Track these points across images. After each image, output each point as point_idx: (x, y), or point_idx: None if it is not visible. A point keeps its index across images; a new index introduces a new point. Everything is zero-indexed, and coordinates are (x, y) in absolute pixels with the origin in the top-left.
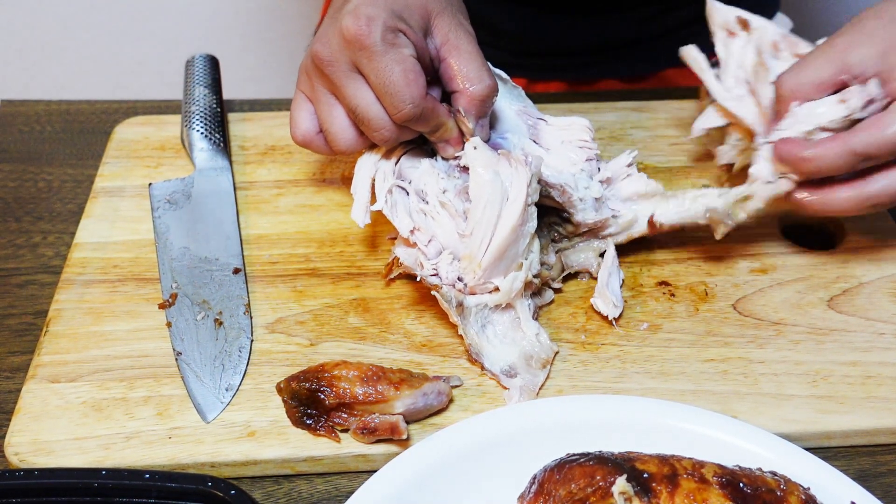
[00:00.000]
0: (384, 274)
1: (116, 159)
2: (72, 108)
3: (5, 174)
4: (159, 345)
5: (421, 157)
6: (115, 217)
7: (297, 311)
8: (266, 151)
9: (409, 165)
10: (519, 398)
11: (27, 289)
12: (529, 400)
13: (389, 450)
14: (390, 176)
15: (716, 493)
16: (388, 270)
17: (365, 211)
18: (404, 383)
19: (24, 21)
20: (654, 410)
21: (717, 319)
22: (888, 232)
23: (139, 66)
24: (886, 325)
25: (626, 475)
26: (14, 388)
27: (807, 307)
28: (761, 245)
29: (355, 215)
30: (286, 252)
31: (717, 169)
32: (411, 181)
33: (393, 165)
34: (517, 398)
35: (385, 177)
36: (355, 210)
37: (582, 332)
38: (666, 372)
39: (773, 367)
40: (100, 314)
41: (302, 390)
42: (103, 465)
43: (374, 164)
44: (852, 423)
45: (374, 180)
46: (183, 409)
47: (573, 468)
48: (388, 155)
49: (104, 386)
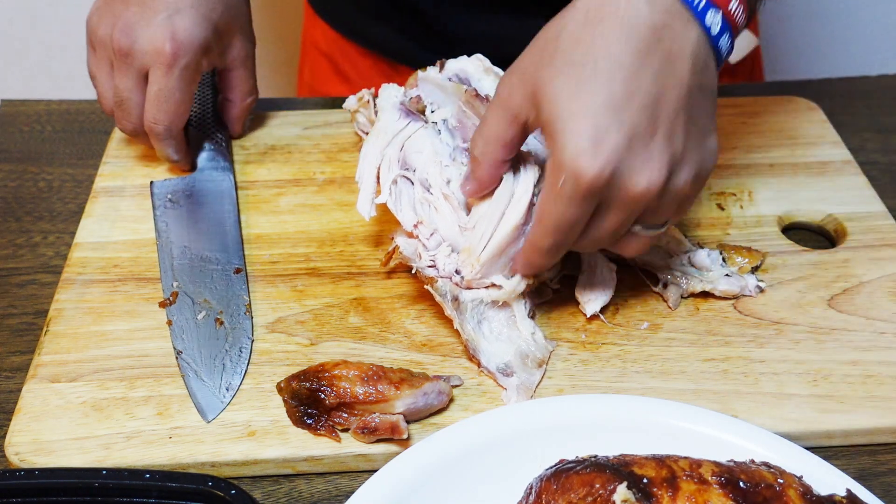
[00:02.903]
0: (383, 262)
1: (116, 159)
2: (72, 108)
3: (5, 174)
4: (159, 344)
5: (425, 140)
6: (115, 217)
7: (298, 310)
8: (266, 151)
9: (414, 150)
10: (516, 398)
11: (27, 289)
12: (526, 399)
13: (389, 449)
14: (395, 165)
15: (716, 493)
16: (388, 259)
17: (371, 203)
18: (405, 383)
19: (24, 21)
20: (656, 410)
21: (717, 319)
22: (888, 231)
23: None
24: (887, 324)
25: (627, 482)
26: (14, 388)
27: (807, 306)
28: (761, 244)
29: (361, 207)
30: (286, 251)
31: None
32: (416, 169)
33: (398, 152)
34: (514, 398)
35: (390, 165)
36: (361, 202)
37: (582, 332)
38: (666, 371)
39: (774, 366)
40: (100, 314)
41: (302, 390)
42: (104, 464)
43: (379, 151)
44: (853, 422)
45: (380, 169)
46: (183, 408)
47: (570, 477)
48: (394, 141)
49: (104, 386)
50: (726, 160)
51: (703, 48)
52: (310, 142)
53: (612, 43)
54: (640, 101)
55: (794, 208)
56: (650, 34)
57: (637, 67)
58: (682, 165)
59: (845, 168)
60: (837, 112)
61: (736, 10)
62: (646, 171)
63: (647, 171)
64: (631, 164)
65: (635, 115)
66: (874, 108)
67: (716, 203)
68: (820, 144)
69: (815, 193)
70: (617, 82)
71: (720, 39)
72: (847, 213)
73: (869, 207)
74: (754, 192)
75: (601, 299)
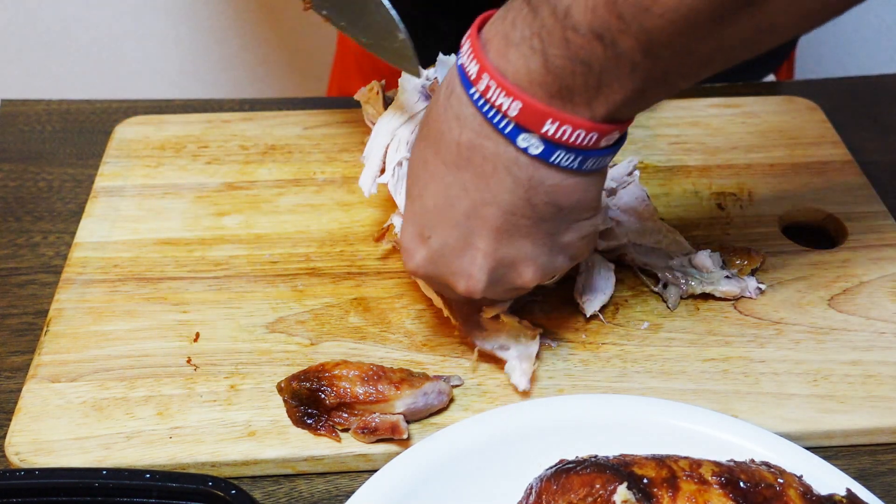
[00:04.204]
0: (376, 238)
1: (116, 159)
2: (72, 107)
3: (5, 174)
4: (159, 344)
5: None
6: (116, 217)
7: (298, 310)
8: (266, 151)
9: None
10: (520, 367)
11: (27, 288)
12: (530, 368)
13: (390, 449)
14: (403, 147)
15: (716, 493)
16: (381, 235)
17: (373, 180)
18: (405, 383)
19: (24, 21)
20: (656, 410)
21: (717, 319)
22: (888, 231)
23: (139, 66)
24: (887, 324)
25: (627, 482)
26: (14, 388)
27: (807, 306)
28: (761, 244)
29: (363, 183)
30: (286, 251)
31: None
32: None
33: (409, 134)
34: (518, 368)
35: (398, 146)
36: (364, 177)
37: (582, 332)
38: (666, 371)
39: (774, 366)
40: (100, 314)
41: (302, 390)
42: (104, 464)
43: (391, 131)
44: (853, 422)
45: (388, 148)
46: (183, 408)
47: (571, 477)
48: (409, 122)
49: (104, 385)
50: (726, 160)
51: (526, 166)
52: (310, 142)
53: (429, 158)
54: (453, 217)
55: (794, 208)
56: (458, 153)
57: (449, 183)
58: (512, 269)
59: (845, 168)
60: (837, 112)
61: (559, 131)
62: (462, 279)
63: (464, 279)
64: (447, 269)
65: (446, 231)
66: (874, 108)
67: (716, 203)
68: (820, 144)
69: (815, 193)
70: (430, 196)
71: (552, 156)
72: (847, 213)
73: (869, 207)
74: (754, 192)
75: (600, 299)
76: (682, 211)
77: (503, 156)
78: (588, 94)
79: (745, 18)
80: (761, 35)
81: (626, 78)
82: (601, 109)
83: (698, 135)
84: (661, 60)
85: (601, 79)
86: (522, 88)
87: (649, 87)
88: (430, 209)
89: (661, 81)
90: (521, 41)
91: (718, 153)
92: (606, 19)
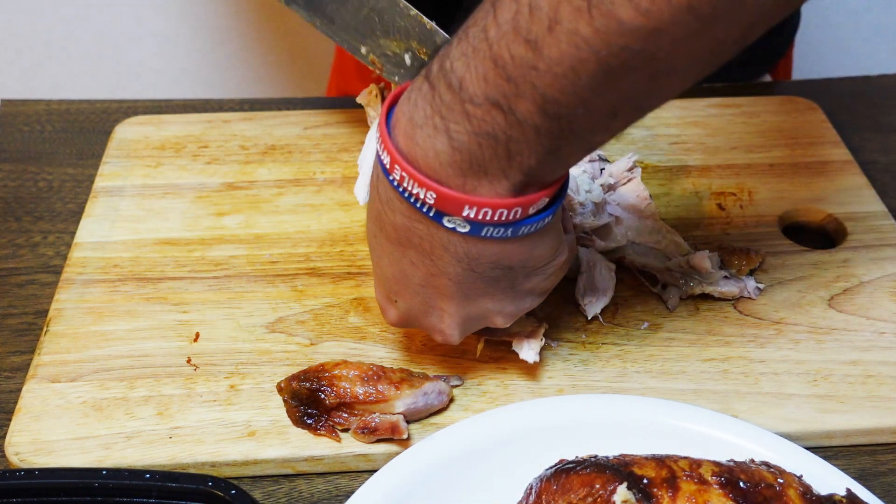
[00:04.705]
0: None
1: (116, 159)
2: (72, 107)
3: (5, 174)
4: (159, 344)
5: None
6: (115, 217)
7: (298, 310)
8: (266, 151)
9: None
10: (527, 342)
11: (27, 288)
12: (538, 343)
13: (390, 449)
14: None
15: (716, 493)
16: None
17: (367, 189)
18: (405, 383)
19: (24, 21)
20: (656, 410)
21: (717, 319)
22: (888, 231)
23: (139, 66)
24: (887, 324)
25: (627, 482)
26: (14, 388)
27: (807, 306)
28: (761, 244)
29: (358, 191)
30: (286, 251)
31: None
32: None
33: None
34: (526, 343)
35: None
36: (358, 186)
37: (582, 332)
38: (666, 371)
39: (774, 366)
40: (100, 314)
41: (302, 390)
42: (104, 464)
43: None
44: (853, 422)
45: None
46: (183, 408)
47: (570, 477)
48: None
49: (104, 386)
50: (726, 160)
51: (460, 243)
52: (310, 142)
53: (377, 233)
54: (411, 287)
55: (794, 208)
56: (397, 233)
57: (398, 258)
58: (483, 319)
59: (845, 168)
60: (837, 112)
61: (479, 213)
62: (436, 333)
63: (438, 334)
64: (419, 325)
65: (408, 298)
66: (874, 108)
67: (716, 203)
68: (820, 144)
69: (815, 193)
70: (387, 267)
71: (482, 232)
72: (847, 213)
73: (869, 207)
74: (754, 192)
75: (601, 301)
76: (682, 211)
77: (436, 236)
78: (500, 164)
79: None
80: (660, 80)
81: (534, 142)
82: (517, 177)
83: (698, 135)
84: (562, 120)
85: (509, 147)
86: (435, 172)
87: (561, 146)
88: (389, 278)
89: (571, 139)
90: (424, 121)
91: (718, 153)
92: (499, 85)
